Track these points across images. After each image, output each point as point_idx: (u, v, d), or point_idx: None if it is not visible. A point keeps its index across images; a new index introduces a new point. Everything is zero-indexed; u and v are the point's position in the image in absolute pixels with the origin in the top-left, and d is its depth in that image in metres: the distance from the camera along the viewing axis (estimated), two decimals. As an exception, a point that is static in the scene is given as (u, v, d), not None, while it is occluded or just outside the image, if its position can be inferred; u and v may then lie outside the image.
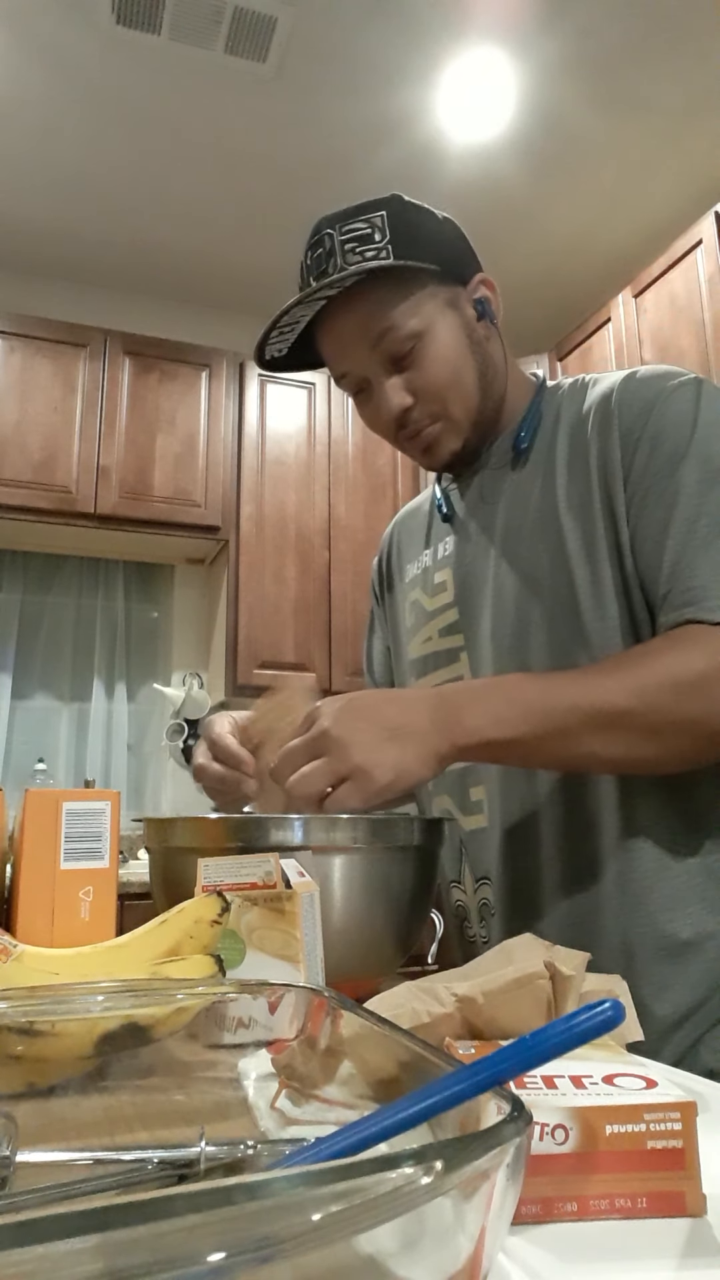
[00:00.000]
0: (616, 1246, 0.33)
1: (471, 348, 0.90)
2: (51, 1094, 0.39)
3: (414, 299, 0.86)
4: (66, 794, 0.78)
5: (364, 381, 0.91)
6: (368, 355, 0.88)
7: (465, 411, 0.90)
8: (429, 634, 0.99)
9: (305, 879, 0.65)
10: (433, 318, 0.87)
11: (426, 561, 1.03)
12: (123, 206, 3.08)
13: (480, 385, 0.91)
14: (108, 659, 3.23)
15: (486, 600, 0.92)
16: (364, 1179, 0.19)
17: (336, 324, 0.88)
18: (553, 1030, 0.28)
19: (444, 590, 0.98)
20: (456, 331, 0.89)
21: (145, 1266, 0.17)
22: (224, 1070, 0.42)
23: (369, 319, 0.86)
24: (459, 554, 0.97)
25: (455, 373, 0.88)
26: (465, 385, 0.89)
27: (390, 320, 0.85)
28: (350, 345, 0.89)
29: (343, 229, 0.86)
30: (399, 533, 1.14)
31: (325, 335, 0.90)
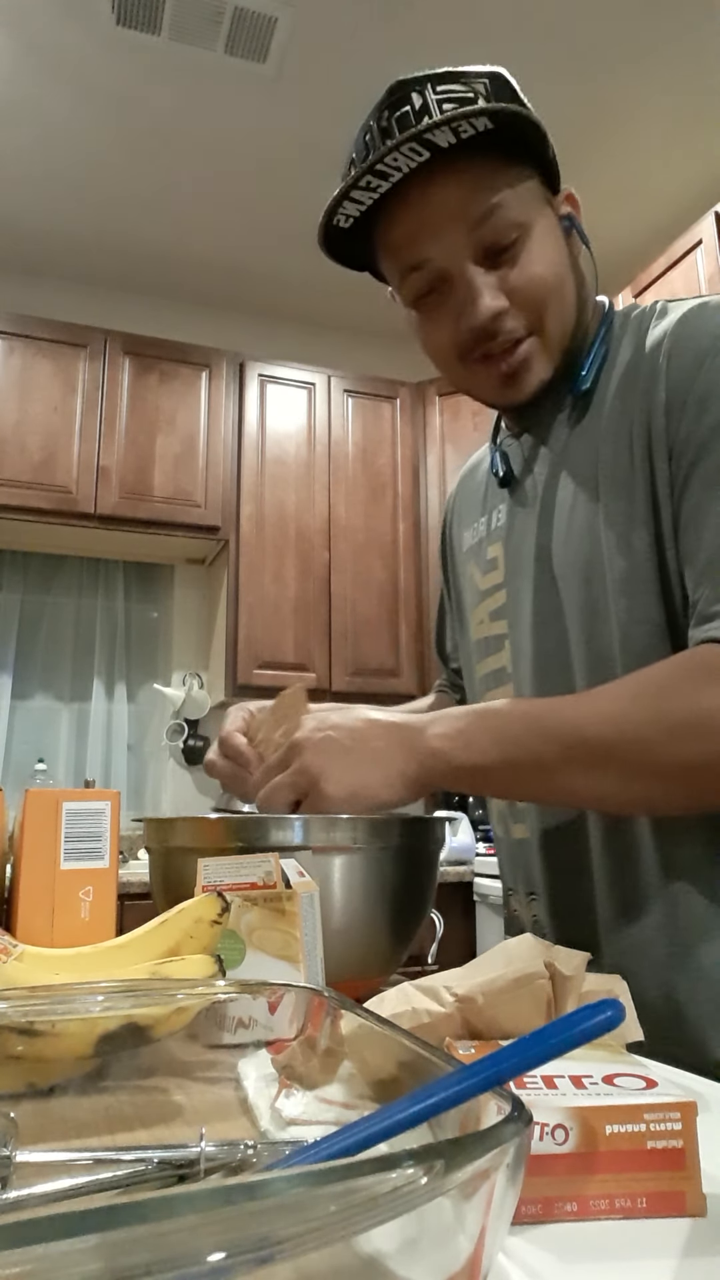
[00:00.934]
0: (616, 1246, 0.33)
1: (569, 260, 0.77)
2: (51, 1094, 0.40)
3: (520, 183, 0.72)
4: (66, 794, 0.78)
5: (442, 277, 0.74)
6: (463, 239, 0.71)
7: (561, 331, 0.76)
8: (481, 616, 0.89)
9: (305, 879, 0.65)
10: (535, 212, 0.73)
11: (481, 531, 0.91)
12: (123, 207, 3.08)
13: (577, 305, 0.77)
14: (108, 659, 3.23)
15: (528, 586, 0.80)
16: (364, 1179, 0.19)
17: (429, 193, 0.71)
18: (553, 1030, 0.28)
19: (495, 568, 0.86)
20: (556, 235, 0.76)
21: (145, 1266, 0.17)
22: (224, 1070, 0.42)
23: (472, 193, 0.70)
24: (510, 525, 0.85)
25: (558, 281, 0.74)
26: (565, 299, 0.75)
27: (499, 199, 0.70)
28: (443, 222, 0.71)
29: (436, 87, 0.70)
30: (458, 495, 1.01)
31: (406, 209, 0.72)
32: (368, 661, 3.09)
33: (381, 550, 3.21)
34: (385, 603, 3.17)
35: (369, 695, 3.07)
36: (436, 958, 2.37)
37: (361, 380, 3.34)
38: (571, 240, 0.78)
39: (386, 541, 3.23)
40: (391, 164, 0.68)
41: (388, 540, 3.23)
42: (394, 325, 3.72)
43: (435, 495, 3.27)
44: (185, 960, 0.53)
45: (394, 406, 3.35)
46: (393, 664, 3.12)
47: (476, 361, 0.76)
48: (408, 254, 0.74)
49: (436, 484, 3.28)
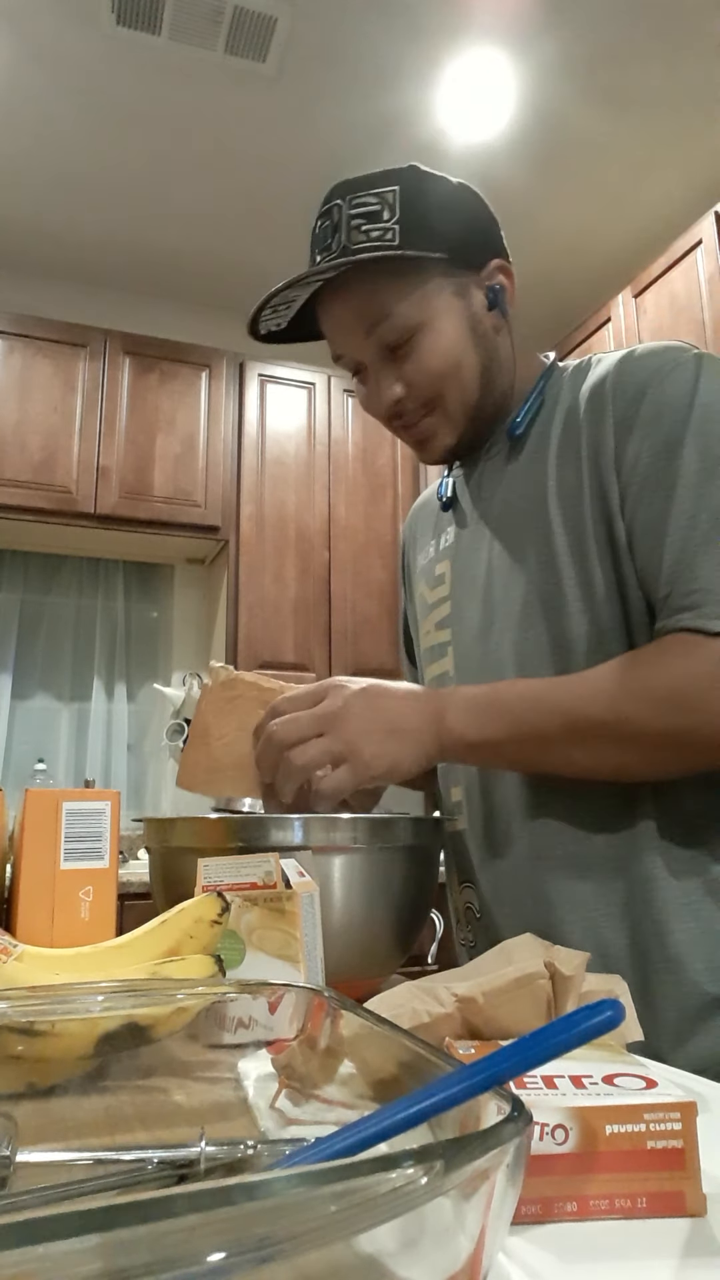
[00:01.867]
0: (616, 1246, 0.33)
1: (475, 341, 0.85)
2: (51, 1094, 0.40)
3: (416, 288, 0.82)
4: (66, 794, 0.78)
5: (360, 365, 0.87)
6: (363, 341, 0.84)
7: (462, 407, 0.86)
8: (428, 627, 0.98)
9: (305, 879, 0.65)
10: (435, 309, 0.82)
11: (431, 552, 1.00)
12: (123, 206, 3.08)
13: (481, 381, 0.86)
14: (108, 659, 3.23)
15: (476, 595, 0.89)
16: (364, 1179, 0.19)
17: (333, 306, 0.84)
18: (553, 1030, 0.28)
19: (442, 583, 0.96)
20: (459, 324, 0.84)
21: (145, 1266, 0.17)
22: (224, 1070, 0.42)
23: (365, 306, 0.82)
24: (456, 545, 0.94)
25: (453, 368, 0.83)
26: (464, 380, 0.84)
27: (386, 309, 0.81)
28: (346, 330, 0.84)
29: (352, 201, 0.81)
30: (414, 523, 1.10)
31: (322, 314, 0.86)
32: (368, 661, 3.09)
33: (381, 550, 3.21)
34: (385, 603, 3.17)
35: (369, 695, 3.07)
36: (436, 958, 2.36)
37: (361, 380, 3.34)
38: (494, 313, 0.86)
39: (386, 541, 3.23)
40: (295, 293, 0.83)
41: (388, 540, 3.23)
42: (394, 325, 3.73)
43: (435, 495, 3.28)
44: (185, 960, 0.53)
45: (394, 406, 3.35)
46: (392, 664, 3.12)
47: (396, 429, 0.89)
48: (332, 347, 0.88)
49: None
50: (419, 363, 0.83)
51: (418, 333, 0.82)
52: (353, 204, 0.81)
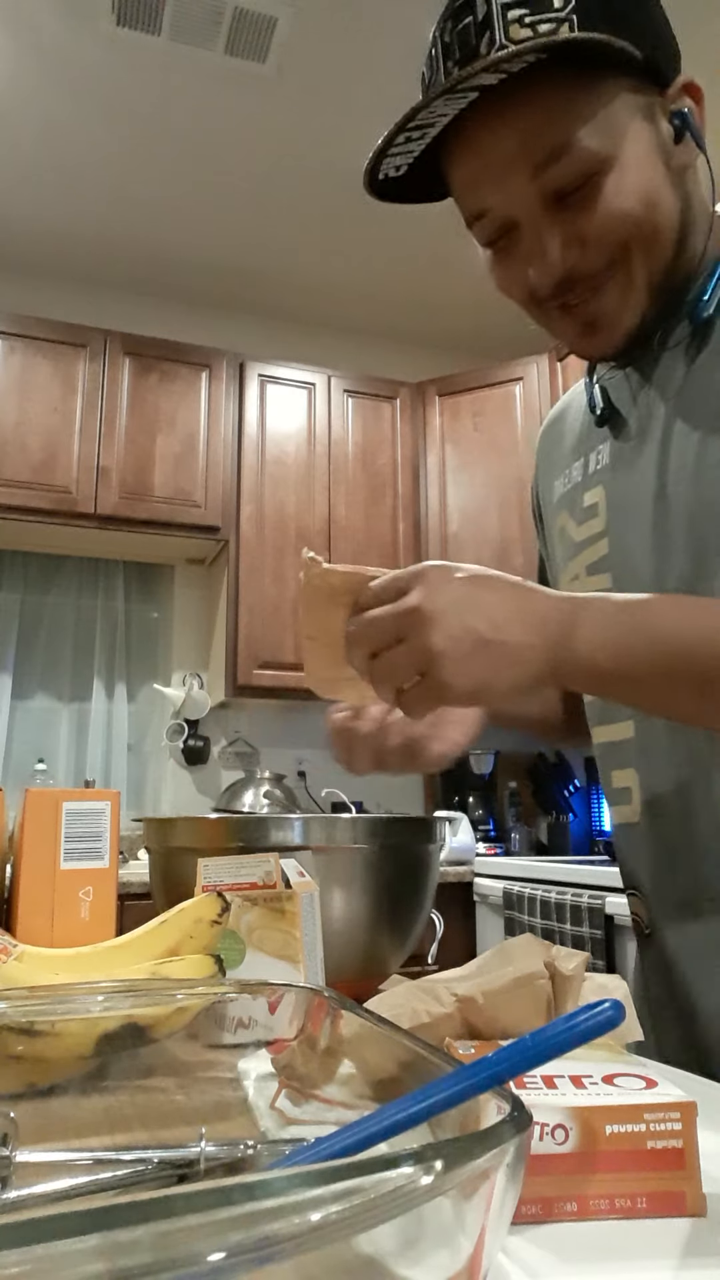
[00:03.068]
0: (616, 1246, 0.33)
1: (671, 180, 0.64)
2: (51, 1094, 0.40)
3: (603, 104, 0.61)
4: (66, 794, 0.78)
5: (510, 225, 0.65)
6: (525, 186, 0.62)
7: (651, 274, 0.65)
8: (575, 571, 0.78)
9: (305, 879, 0.65)
10: (623, 135, 0.61)
11: (576, 476, 0.80)
12: (123, 206, 3.08)
13: (678, 235, 0.66)
14: (108, 659, 3.23)
15: (646, 530, 0.70)
16: (364, 1179, 0.19)
17: (485, 134, 0.62)
18: (553, 1030, 0.28)
19: (594, 515, 0.76)
20: (653, 156, 0.63)
21: (145, 1266, 0.17)
22: (224, 1070, 0.42)
23: (538, 130, 0.60)
24: (614, 467, 0.74)
25: (648, 210, 0.63)
26: (659, 235, 0.64)
27: (568, 134, 0.60)
28: (502, 169, 0.62)
29: None
30: (544, 444, 0.90)
31: (464, 151, 0.64)
32: (368, 661, 3.09)
33: (381, 550, 3.21)
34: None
35: (369, 695, 3.07)
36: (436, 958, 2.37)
37: (361, 380, 3.34)
38: (683, 146, 0.66)
39: (386, 541, 3.23)
40: (436, 112, 0.60)
41: (388, 540, 3.23)
42: (394, 325, 3.72)
43: (435, 495, 3.28)
44: (185, 960, 0.53)
45: (394, 406, 3.35)
46: (393, 664, 3.12)
47: (555, 310, 0.68)
48: (469, 201, 0.66)
49: (436, 484, 3.28)
50: (604, 211, 0.62)
51: (603, 169, 0.62)
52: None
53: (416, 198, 0.70)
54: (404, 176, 0.67)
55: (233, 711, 3.26)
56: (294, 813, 2.88)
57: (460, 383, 3.29)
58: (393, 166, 0.66)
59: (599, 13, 0.59)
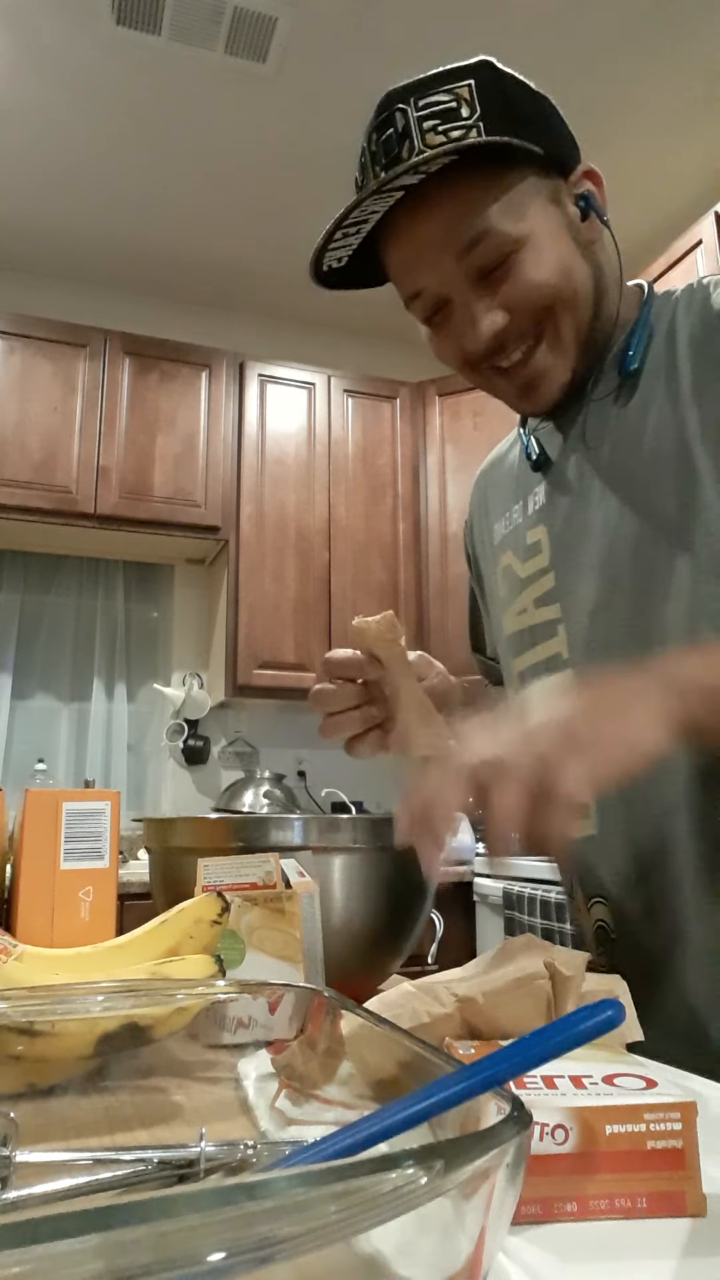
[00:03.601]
0: (616, 1246, 0.33)
1: (581, 251, 0.72)
2: (51, 1094, 0.40)
3: (514, 193, 0.69)
4: (66, 794, 0.78)
5: (443, 301, 0.72)
6: (452, 267, 0.70)
7: (575, 331, 0.72)
8: (523, 605, 0.83)
9: (305, 879, 0.65)
10: (534, 217, 0.69)
11: (517, 518, 0.86)
12: (123, 206, 3.08)
13: (595, 296, 0.73)
14: (108, 659, 3.23)
15: (590, 561, 0.75)
16: (364, 1179, 0.19)
17: (414, 226, 0.70)
18: (553, 1030, 0.28)
19: (538, 552, 0.81)
20: (562, 232, 0.71)
21: (145, 1266, 0.17)
22: (224, 1070, 0.42)
23: (458, 219, 0.68)
24: (553, 506, 0.80)
25: (564, 279, 0.70)
26: (577, 295, 0.71)
27: (485, 221, 0.68)
28: (431, 254, 0.70)
29: (419, 103, 0.68)
30: (484, 487, 0.95)
31: (396, 242, 0.72)
32: (368, 661, 3.09)
33: (381, 550, 3.22)
34: (385, 603, 3.17)
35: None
36: (436, 958, 2.37)
37: (361, 380, 3.34)
38: (589, 223, 0.74)
39: (386, 541, 3.23)
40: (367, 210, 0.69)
41: (388, 540, 3.23)
42: (394, 325, 3.72)
43: (435, 495, 3.28)
44: (185, 960, 0.53)
45: (394, 406, 3.35)
46: (393, 664, 3.12)
47: (491, 372, 0.75)
48: (405, 283, 0.74)
49: (436, 484, 3.28)
50: (524, 279, 0.69)
51: (520, 248, 0.69)
52: (420, 105, 0.68)
53: (359, 284, 0.78)
54: (346, 267, 0.75)
55: (233, 711, 3.26)
56: (294, 813, 2.88)
57: (460, 383, 3.29)
58: (335, 259, 0.74)
59: (502, 118, 0.68)
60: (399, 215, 0.70)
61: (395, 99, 0.70)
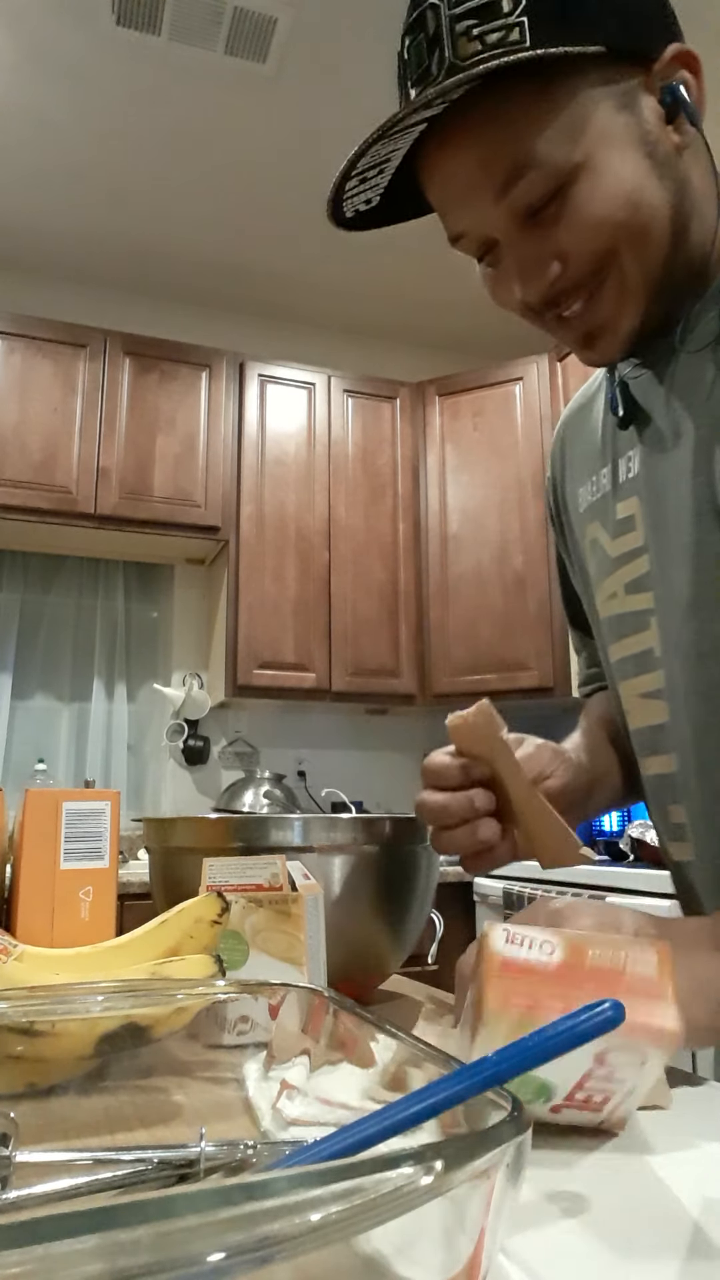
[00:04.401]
0: (617, 1247, 0.33)
1: (657, 170, 0.59)
2: (51, 1094, 0.40)
3: (564, 109, 0.56)
4: (66, 794, 0.78)
5: (490, 243, 0.62)
6: (492, 207, 0.59)
7: (645, 273, 0.60)
8: (613, 588, 0.73)
9: (310, 881, 0.65)
10: (592, 137, 0.57)
11: (605, 485, 0.74)
12: (123, 206, 3.08)
13: (672, 228, 0.60)
14: (108, 659, 3.23)
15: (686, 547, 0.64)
16: (364, 1179, 0.19)
17: (444, 161, 0.59)
18: (553, 1030, 0.28)
19: (630, 529, 0.70)
20: (632, 151, 0.58)
21: (145, 1267, 0.17)
22: (224, 1070, 0.42)
23: (493, 151, 0.57)
24: (649, 479, 0.68)
25: (629, 217, 0.58)
26: (648, 230, 0.59)
27: (526, 155, 0.56)
28: (465, 194, 0.60)
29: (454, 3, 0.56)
30: (566, 440, 0.82)
31: (430, 177, 0.61)
32: (367, 662, 3.09)
33: (381, 550, 3.22)
34: (385, 603, 3.17)
35: (369, 695, 3.07)
36: (436, 958, 2.36)
37: (361, 380, 3.34)
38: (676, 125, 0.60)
39: (386, 541, 3.23)
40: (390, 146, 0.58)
41: (388, 540, 3.23)
42: (394, 325, 3.72)
43: (435, 495, 3.28)
44: (185, 960, 0.53)
45: (394, 406, 3.35)
46: (393, 664, 3.12)
47: (552, 320, 0.64)
48: (447, 224, 0.63)
49: (436, 484, 3.28)
50: (580, 218, 0.58)
51: (574, 179, 0.57)
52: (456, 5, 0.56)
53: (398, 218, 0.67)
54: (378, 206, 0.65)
55: (233, 711, 3.26)
56: (294, 813, 2.89)
57: (460, 383, 3.29)
58: (362, 201, 0.63)
59: (552, 11, 0.55)
60: (428, 146, 0.59)
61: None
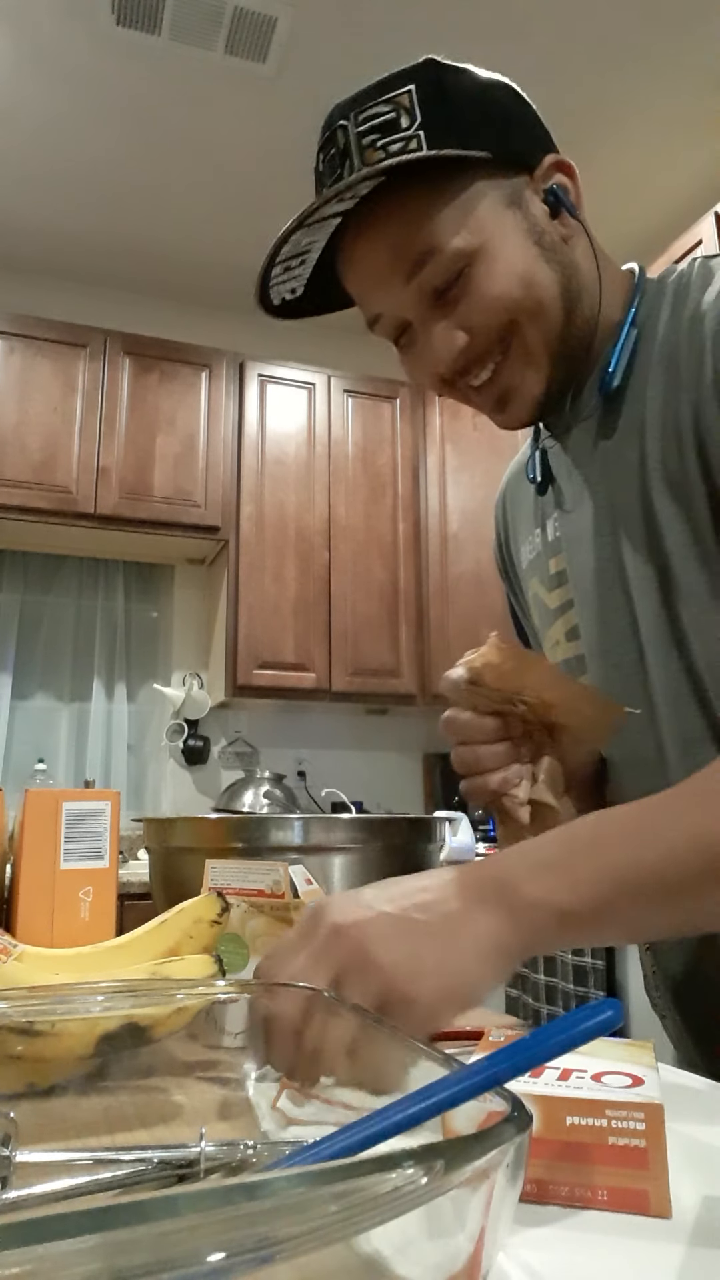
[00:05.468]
0: (618, 1247, 0.33)
1: (544, 255, 0.66)
2: (51, 1094, 0.40)
3: (461, 203, 0.63)
4: (66, 794, 0.78)
5: (404, 324, 0.69)
6: (403, 290, 0.65)
7: (544, 339, 0.66)
8: (556, 636, 0.79)
9: (313, 886, 0.65)
10: (488, 228, 0.64)
11: (538, 544, 0.80)
12: (123, 206, 3.08)
13: (563, 302, 0.66)
14: (108, 659, 3.23)
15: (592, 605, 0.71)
16: (364, 1179, 0.19)
17: (358, 251, 0.66)
18: (552, 1030, 0.28)
19: (563, 582, 0.76)
20: (521, 239, 0.65)
21: (145, 1267, 0.17)
22: (224, 1070, 0.42)
23: (401, 243, 0.64)
24: (565, 536, 0.75)
25: (525, 289, 0.64)
26: (542, 303, 0.65)
27: (431, 239, 0.63)
28: (380, 278, 0.66)
29: (359, 117, 0.64)
30: (509, 502, 0.89)
31: (347, 267, 0.68)
32: (367, 661, 3.09)
33: (381, 550, 3.22)
34: (385, 603, 3.17)
35: (369, 695, 3.07)
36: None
37: (361, 380, 3.34)
38: (560, 220, 0.67)
39: (386, 541, 3.23)
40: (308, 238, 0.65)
41: (388, 540, 3.23)
42: (394, 325, 3.73)
43: (435, 495, 3.27)
44: (185, 960, 0.53)
45: (394, 406, 3.35)
46: (393, 664, 3.12)
47: (467, 389, 0.70)
48: (364, 308, 0.70)
49: (436, 484, 3.28)
50: (480, 295, 0.64)
51: (473, 261, 0.64)
52: (360, 120, 0.64)
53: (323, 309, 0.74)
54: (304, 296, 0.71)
55: (232, 711, 3.26)
56: (294, 812, 2.88)
57: (460, 383, 3.29)
58: (288, 291, 0.70)
59: (446, 124, 0.63)
60: (345, 239, 0.66)
61: (338, 114, 0.66)
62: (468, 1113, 0.27)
